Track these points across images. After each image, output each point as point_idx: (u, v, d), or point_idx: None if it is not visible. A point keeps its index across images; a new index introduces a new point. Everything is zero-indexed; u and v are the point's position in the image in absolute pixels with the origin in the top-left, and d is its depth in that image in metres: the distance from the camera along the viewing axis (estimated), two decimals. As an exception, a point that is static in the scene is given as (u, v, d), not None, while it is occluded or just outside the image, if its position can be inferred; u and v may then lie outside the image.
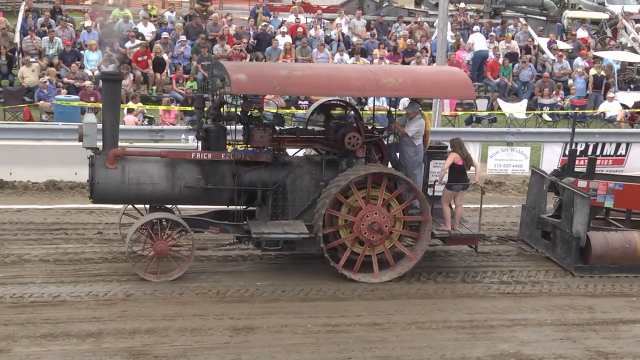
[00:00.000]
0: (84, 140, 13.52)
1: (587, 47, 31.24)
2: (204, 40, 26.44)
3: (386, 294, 13.47)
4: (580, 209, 14.43)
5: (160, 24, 28.46)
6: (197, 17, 28.56)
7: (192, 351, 11.25)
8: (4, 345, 11.08)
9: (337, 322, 12.35)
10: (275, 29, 28.56)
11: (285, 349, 11.47)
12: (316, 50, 27.24)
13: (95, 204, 14.36)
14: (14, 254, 14.07)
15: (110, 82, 14.01)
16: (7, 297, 12.52)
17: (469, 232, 14.34)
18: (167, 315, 12.26)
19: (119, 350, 11.15)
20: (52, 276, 13.41)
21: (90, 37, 26.01)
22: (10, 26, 26.73)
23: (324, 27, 29.87)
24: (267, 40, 27.58)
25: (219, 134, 14.00)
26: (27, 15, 27.37)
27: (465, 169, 14.31)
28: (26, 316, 11.95)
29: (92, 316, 12.08)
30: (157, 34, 27.40)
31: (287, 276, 13.91)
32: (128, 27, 27.42)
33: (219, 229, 13.89)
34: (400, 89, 13.72)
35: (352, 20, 30.36)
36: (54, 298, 12.61)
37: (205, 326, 11.99)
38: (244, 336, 11.80)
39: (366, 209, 13.52)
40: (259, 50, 27.49)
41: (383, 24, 30.98)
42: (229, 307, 12.66)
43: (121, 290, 12.93)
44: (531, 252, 15.50)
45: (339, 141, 13.89)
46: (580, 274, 14.47)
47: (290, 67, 14.84)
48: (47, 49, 25.50)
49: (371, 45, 28.45)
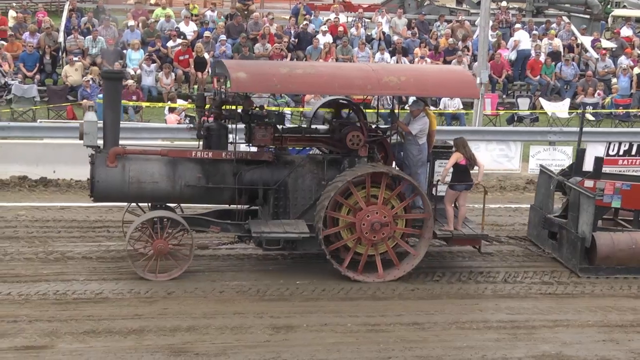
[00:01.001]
0: (85, 139, 13.47)
1: (631, 46, 30.84)
2: (244, 40, 26.54)
3: (426, 294, 13.42)
4: (586, 209, 14.26)
5: (201, 23, 28.61)
6: (239, 16, 28.67)
7: (232, 349, 11.29)
8: (48, 342, 11.22)
9: (377, 322, 12.32)
10: (316, 28, 28.57)
11: (325, 348, 11.46)
12: (357, 49, 27.21)
13: (97, 203, 14.29)
14: (57, 251, 14.22)
15: (111, 80, 13.99)
16: (51, 294, 12.66)
17: (472, 232, 14.24)
18: (207, 313, 12.32)
19: (160, 348, 11.22)
20: (95, 273, 13.54)
21: (132, 37, 26.22)
22: (55, 26, 27.04)
23: (365, 26, 29.83)
24: (308, 40, 27.61)
25: (220, 133, 13.94)
26: (71, 15, 27.69)
27: (469, 169, 14.19)
28: (69, 313, 12.07)
29: (134, 313, 12.18)
30: (199, 33, 27.56)
31: (327, 275, 13.89)
32: (170, 26, 27.63)
33: (220, 227, 13.81)
34: (402, 87, 13.61)
35: (393, 19, 30.27)
36: (96, 295, 12.74)
37: (246, 324, 12.02)
38: (284, 335, 11.82)
39: (367, 209, 13.48)
40: (300, 50, 27.53)
41: (424, 23, 30.87)
42: (269, 306, 12.69)
43: (162, 288, 13.01)
44: (538, 253, 15.34)
45: (341, 140, 13.84)
46: (586, 274, 14.28)
47: (292, 66, 14.89)
48: (90, 48, 25.76)
49: (412, 44, 28.36)
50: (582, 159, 15.88)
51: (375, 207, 13.47)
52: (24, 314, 11.94)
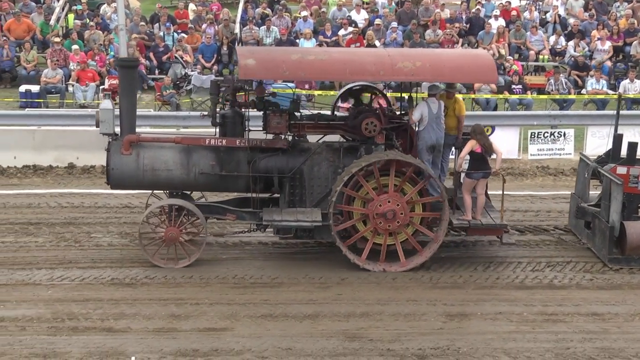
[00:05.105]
0: (101, 126, 13.56)
1: None
2: (415, 26, 26.41)
3: (606, 284, 13.00)
4: (615, 197, 13.39)
5: (372, 10, 28.68)
6: (409, 2, 28.56)
7: (405, 336, 11.31)
8: (228, 324, 11.60)
9: (554, 311, 12.05)
10: (488, 13, 28.09)
11: (500, 337, 11.30)
12: (529, 33, 26.57)
13: (114, 190, 14.38)
14: (235, 237, 14.64)
15: (127, 68, 13.96)
16: (230, 278, 13.07)
17: (490, 222, 13.64)
18: (381, 299, 12.38)
19: (335, 333, 11.38)
20: (270, 259, 13.88)
21: (305, 26, 26.60)
22: (232, 17, 27.81)
23: (539, 9, 29.05)
24: (480, 25, 27.17)
25: (235, 120, 13.79)
26: (247, 7, 28.40)
27: (486, 157, 13.61)
28: (247, 297, 12.43)
29: (308, 298, 12.41)
30: (370, 20, 27.64)
31: (500, 262, 13.70)
32: (342, 14, 27.85)
33: (236, 215, 13.69)
34: (416, 73, 13.22)
35: (569, 1, 29.34)
36: (272, 280, 13.04)
37: (419, 311, 12.01)
38: (458, 322, 11.74)
39: (377, 199, 13.12)
40: (471, 35, 27.15)
41: (602, 4, 29.71)
42: (443, 293, 12.64)
43: (335, 274, 13.17)
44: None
45: (358, 127, 13.51)
46: (615, 265, 13.49)
47: (304, 52, 14.56)
48: (264, 38, 26.33)
49: (589, 26, 27.38)
50: (619, 145, 14.91)
51: (385, 195, 13.17)
52: (205, 297, 12.38)
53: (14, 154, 18.45)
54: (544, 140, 19.93)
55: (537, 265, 13.70)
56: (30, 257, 13.68)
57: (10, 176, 18.09)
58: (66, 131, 19.02)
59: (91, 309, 11.91)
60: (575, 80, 24.51)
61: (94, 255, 13.79)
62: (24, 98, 22.52)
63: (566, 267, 13.63)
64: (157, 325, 11.49)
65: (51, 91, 22.92)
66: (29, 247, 14.10)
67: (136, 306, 12.02)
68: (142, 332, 11.31)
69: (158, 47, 25.38)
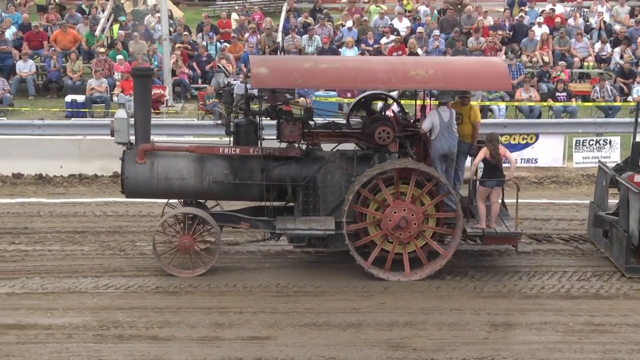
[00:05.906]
0: (115, 136, 13.63)
1: None
2: (458, 34, 26.32)
3: (654, 294, 12.84)
4: (633, 205, 13.13)
5: (414, 19, 28.63)
6: (452, 10, 28.46)
7: (450, 345, 11.25)
8: (271, 333, 11.62)
9: (600, 321, 11.91)
10: (531, 20, 27.90)
11: (546, 347, 11.19)
12: (574, 40, 26.33)
13: (129, 199, 14.38)
14: (278, 245, 14.61)
15: (141, 77, 13.99)
16: (273, 286, 13.10)
17: (505, 230, 13.43)
18: (424, 308, 12.33)
19: (378, 342, 11.34)
20: (312, 268, 13.87)
21: (348, 35, 26.62)
22: (274, 26, 27.92)
23: (584, 16, 28.79)
24: (524, 32, 27.00)
25: (248, 129, 13.76)
26: (289, 16, 28.51)
27: (500, 165, 13.43)
28: (290, 305, 12.44)
29: (351, 307, 12.39)
30: (412, 29, 27.59)
31: (545, 271, 13.58)
32: (384, 23, 27.83)
33: (249, 224, 13.65)
34: (429, 81, 13.14)
35: (614, 7, 29.04)
36: (315, 289, 13.04)
37: (463, 321, 11.94)
38: (503, 332, 11.65)
39: (393, 205, 12.99)
40: (514, 42, 26.98)
41: (648, 10, 29.41)
42: (487, 302, 12.55)
43: (378, 283, 13.13)
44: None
45: (371, 135, 13.40)
46: (633, 275, 13.25)
47: (316, 60, 14.45)
48: (306, 47, 26.40)
49: (635, 32, 27.07)
50: (639, 153, 14.64)
51: (402, 204, 13.05)
52: (248, 305, 12.42)
53: (60, 163, 18.67)
54: (589, 148, 19.73)
55: (583, 274, 13.57)
56: (76, 265, 13.83)
57: (57, 185, 18.33)
58: (111, 140, 18.93)
59: (136, 317, 12.01)
60: (621, 88, 24.25)
61: (138, 264, 13.92)
62: (69, 108, 22.80)
63: (613, 277, 13.47)
64: (200, 334, 11.54)
65: (96, 101, 23.18)
66: (75, 255, 14.26)
67: (180, 314, 12.09)
68: (186, 340, 11.37)
69: (201, 57, 25.58)
